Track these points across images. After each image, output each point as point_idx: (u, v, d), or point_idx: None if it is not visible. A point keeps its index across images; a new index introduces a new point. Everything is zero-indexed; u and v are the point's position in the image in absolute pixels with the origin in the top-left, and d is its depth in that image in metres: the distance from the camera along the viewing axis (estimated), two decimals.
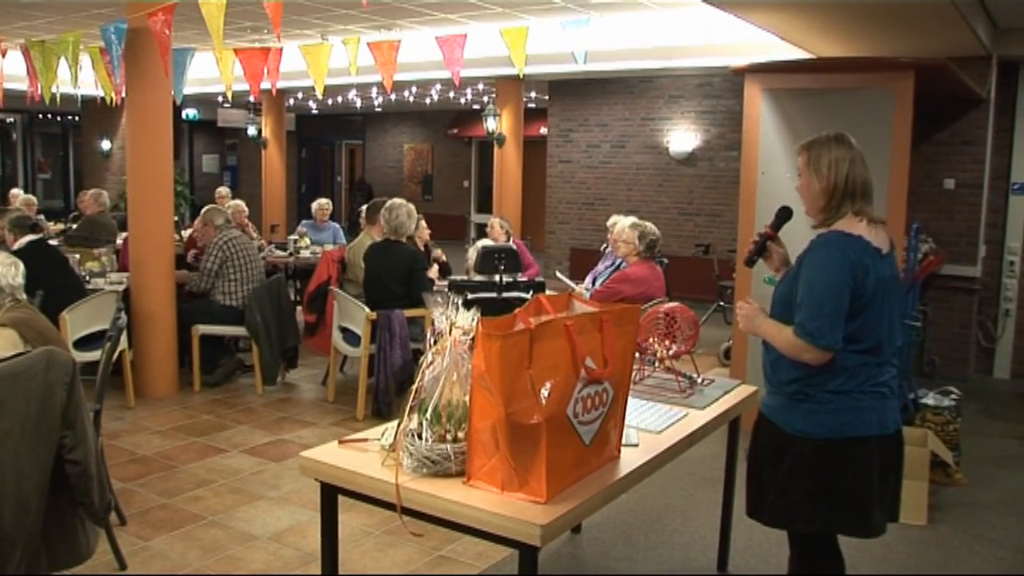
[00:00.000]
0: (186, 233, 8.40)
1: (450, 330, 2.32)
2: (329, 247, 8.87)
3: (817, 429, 2.64)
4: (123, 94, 6.95)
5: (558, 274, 8.69)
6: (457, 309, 2.34)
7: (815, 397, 2.65)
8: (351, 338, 6.22)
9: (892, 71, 5.41)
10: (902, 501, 2.73)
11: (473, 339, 2.24)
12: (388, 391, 5.92)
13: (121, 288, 6.53)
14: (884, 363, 2.70)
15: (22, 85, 8.41)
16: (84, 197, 9.60)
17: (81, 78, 7.95)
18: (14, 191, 11.83)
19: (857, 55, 7.01)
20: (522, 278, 6.08)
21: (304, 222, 10.24)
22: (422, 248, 7.12)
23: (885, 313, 2.67)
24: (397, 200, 6.28)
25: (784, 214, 3.00)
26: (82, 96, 9.68)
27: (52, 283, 5.80)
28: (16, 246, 6.09)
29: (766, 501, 2.79)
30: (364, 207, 7.24)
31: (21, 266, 3.76)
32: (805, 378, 2.65)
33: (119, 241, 8.37)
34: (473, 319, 2.30)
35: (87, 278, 6.82)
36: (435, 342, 2.36)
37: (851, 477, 2.64)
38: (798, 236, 2.88)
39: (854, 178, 2.67)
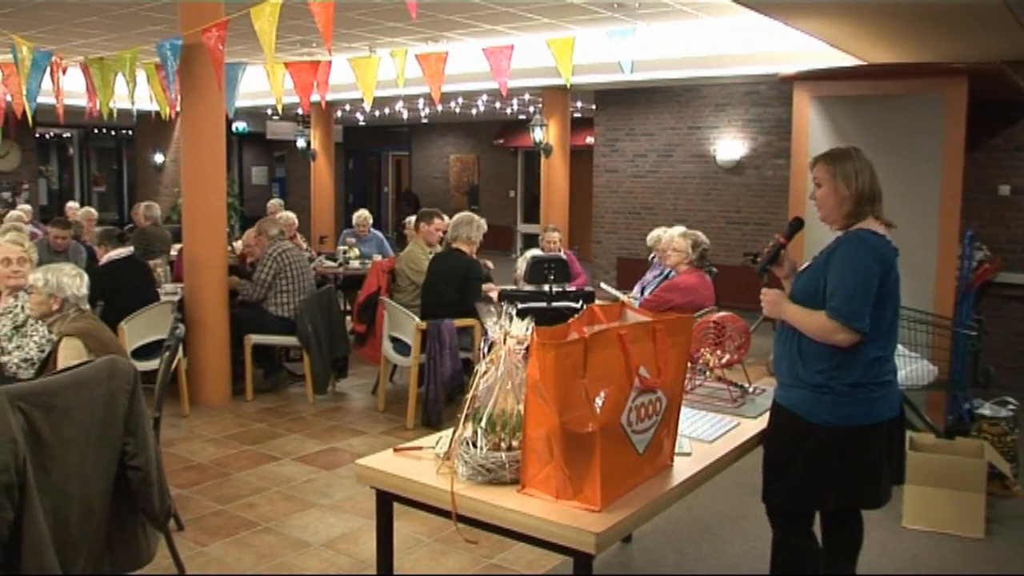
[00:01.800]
0: (238, 245, 8.54)
1: (504, 340, 2.34)
2: (377, 257, 8.96)
3: (837, 420, 2.85)
4: (177, 108, 7.11)
5: (603, 285, 8.67)
6: (511, 319, 2.36)
7: (836, 390, 2.84)
8: (401, 348, 6.28)
9: (944, 76, 5.34)
10: (960, 514, 2.79)
11: (527, 348, 2.26)
12: (438, 400, 5.97)
13: (176, 298, 6.67)
14: (891, 355, 2.96)
15: (81, 101, 8.63)
16: (138, 209, 9.81)
17: (136, 93, 8.16)
18: (71, 204, 12.12)
19: (907, 60, 6.91)
20: (571, 288, 6.09)
21: (346, 231, 10.33)
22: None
23: (895, 308, 2.93)
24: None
25: (797, 224, 3.23)
26: (137, 111, 9.96)
27: (137, 296, 5.98)
28: (105, 259, 6.26)
29: (784, 485, 2.96)
30: (413, 217, 7.36)
31: (85, 277, 3.87)
32: (828, 371, 2.85)
33: (173, 252, 8.54)
34: (527, 329, 2.32)
35: None
36: (488, 351, 2.39)
37: (866, 458, 2.89)
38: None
39: (873, 186, 2.94)
